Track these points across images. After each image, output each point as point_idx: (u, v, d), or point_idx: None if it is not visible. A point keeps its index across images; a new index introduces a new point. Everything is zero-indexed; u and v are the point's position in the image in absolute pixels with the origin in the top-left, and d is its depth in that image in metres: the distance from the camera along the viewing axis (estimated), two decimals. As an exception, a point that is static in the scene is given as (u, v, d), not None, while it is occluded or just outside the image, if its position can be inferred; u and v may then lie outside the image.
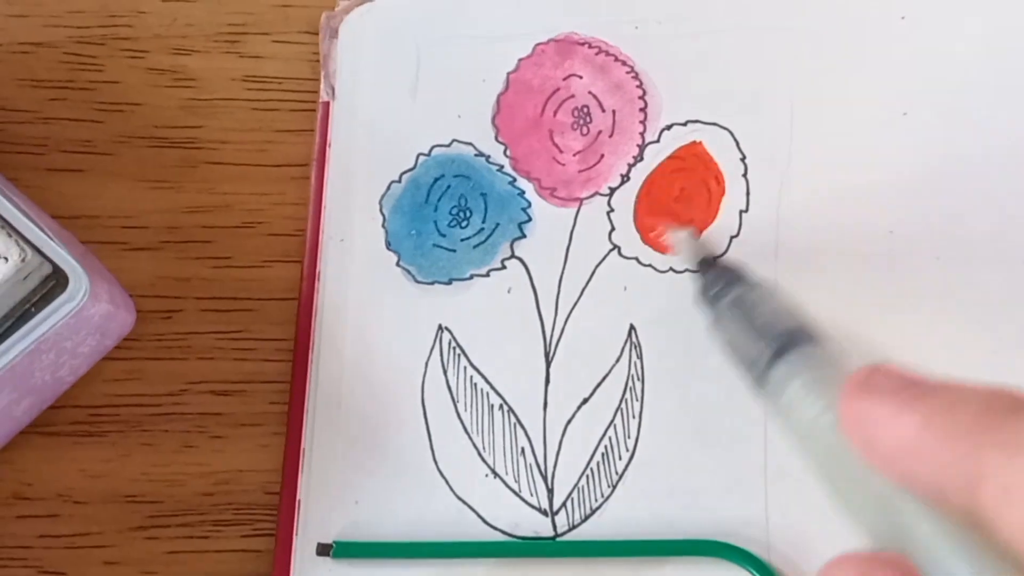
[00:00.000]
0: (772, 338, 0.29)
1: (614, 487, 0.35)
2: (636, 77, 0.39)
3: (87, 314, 0.34)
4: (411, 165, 0.39)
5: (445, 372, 0.37)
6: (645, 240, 0.37)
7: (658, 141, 0.38)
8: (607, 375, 0.36)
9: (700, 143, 0.38)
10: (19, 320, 0.32)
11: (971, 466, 0.18)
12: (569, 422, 0.36)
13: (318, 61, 0.40)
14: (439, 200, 0.38)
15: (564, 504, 0.36)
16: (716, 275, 0.33)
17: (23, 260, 0.32)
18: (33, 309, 0.33)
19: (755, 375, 0.29)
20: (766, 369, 0.28)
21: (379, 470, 0.36)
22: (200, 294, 0.39)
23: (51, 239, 0.33)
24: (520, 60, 0.39)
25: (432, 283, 0.38)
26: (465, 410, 0.37)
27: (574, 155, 0.38)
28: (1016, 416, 0.17)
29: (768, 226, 0.37)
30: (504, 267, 0.38)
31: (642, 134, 0.38)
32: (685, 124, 0.38)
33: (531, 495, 0.36)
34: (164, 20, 0.41)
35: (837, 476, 0.23)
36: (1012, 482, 0.17)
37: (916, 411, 0.19)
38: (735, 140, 0.38)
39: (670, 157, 0.38)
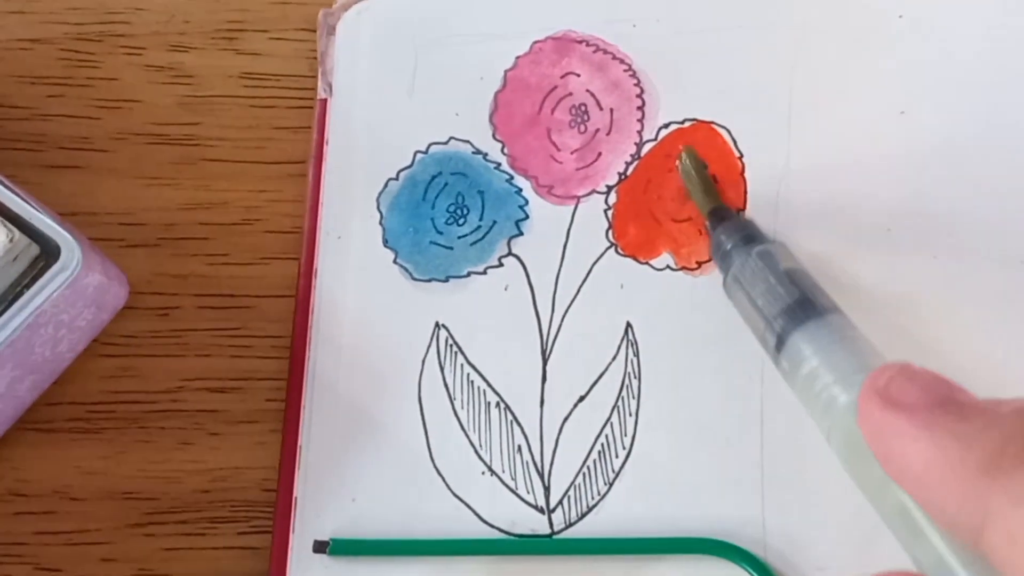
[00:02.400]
0: (772, 321, 0.28)
1: (611, 485, 0.35)
2: (634, 75, 0.39)
3: (82, 284, 0.34)
4: (408, 162, 0.39)
5: (442, 369, 0.37)
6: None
7: (656, 139, 0.38)
8: (604, 373, 0.36)
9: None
10: (11, 303, 0.33)
11: (979, 506, 0.17)
12: (566, 420, 0.36)
13: (315, 58, 0.40)
14: (436, 198, 0.38)
15: (561, 502, 0.36)
16: (724, 234, 0.33)
17: (11, 240, 0.32)
18: (24, 291, 0.33)
19: (769, 344, 0.29)
20: (776, 357, 0.28)
21: (376, 467, 0.36)
22: (197, 291, 0.39)
23: (39, 212, 0.33)
24: (518, 58, 0.39)
25: (429, 280, 0.38)
26: (462, 407, 0.37)
27: (571, 153, 0.38)
28: None
29: (766, 225, 0.37)
30: (501, 265, 0.38)
31: (640, 132, 0.38)
32: (683, 122, 0.38)
33: (528, 492, 0.36)
34: (162, 17, 0.41)
35: (858, 472, 0.23)
36: (1018, 531, 0.17)
37: (932, 439, 0.19)
38: (733, 139, 0.38)
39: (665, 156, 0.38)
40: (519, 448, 0.36)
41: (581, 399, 0.36)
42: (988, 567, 0.18)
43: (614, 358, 0.36)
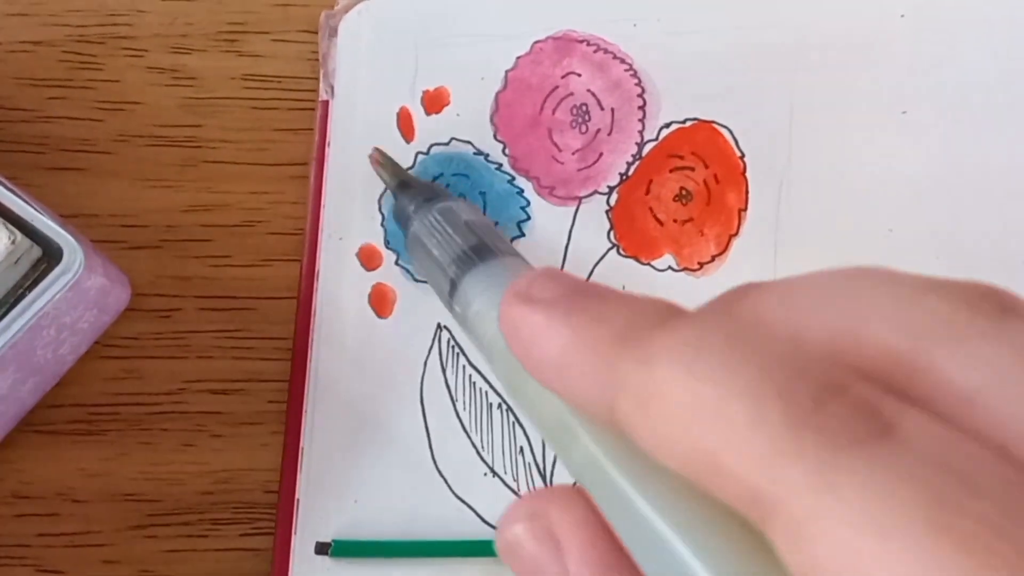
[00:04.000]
0: (446, 268, 0.28)
1: (613, 486, 0.35)
2: (635, 75, 0.39)
3: (84, 286, 0.34)
4: (410, 164, 0.39)
5: (444, 371, 0.37)
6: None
7: (657, 139, 0.38)
8: (606, 373, 0.36)
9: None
10: (13, 305, 0.33)
11: (610, 380, 0.17)
12: (568, 421, 0.36)
13: (317, 60, 0.40)
14: (438, 199, 0.38)
15: (563, 503, 0.36)
16: (412, 195, 0.33)
17: (13, 242, 0.32)
18: (26, 293, 0.33)
19: (444, 299, 0.28)
20: (450, 304, 0.27)
21: (378, 469, 0.36)
22: (199, 293, 0.39)
23: (41, 214, 0.33)
24: (518, 58, 0.39)
25: (431, 282, 0.38)
26: (464, 409, 0.37)
27: (573, 154, 0.38)
28: (661, 329, 0.17)
29: (767, 225, 0.37)
30: (503, 266, 0.38)
31: (641, 132, 0.38)
32: (684, 122, 0.38)
33: (530, 494, 0.36)
34: (164, 19, 0.41)
35: (520, 394, 0.22)
36: (645, 393, 0.16)
37: (567, 323, 0.18)
38: (734, 139, 0.38)
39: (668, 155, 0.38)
40: (521, 449, 0.36)
41: (583, 400, 0.36)
42: (630, 461, 0.18)
43: (616, 359, 0.36)
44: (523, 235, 0.38)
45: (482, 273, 0.27)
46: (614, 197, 0.38)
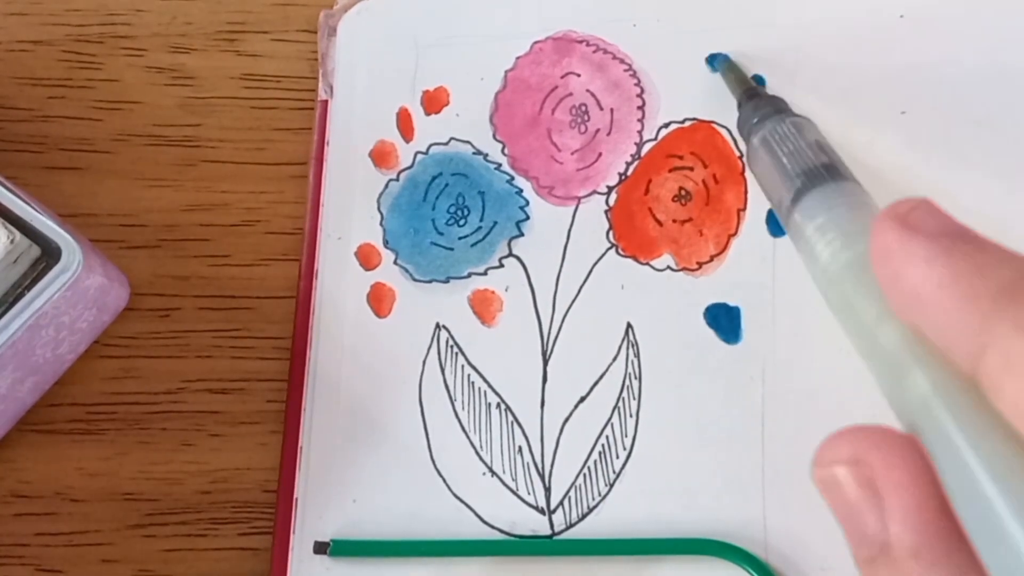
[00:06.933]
0: (794, 177, 0.29)
1: (611, 485, 0.35)
2: (634, 75, 0.39)
3: (83, 286, 0.34)
4: (409, 163, 0.39)
5: (443, 370, 0.37)
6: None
7: (656, 139, 0.38)
8: (604, 373, 0.36)
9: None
10: (12, 304, 0.33)
11: (980, 332, 0.18)
12: (567, 420, 0.36)
13: (316, 59, 0.40)
14: (437, 198, 0.38)
15: (561, 503, 0.36)
16: (754, 107, 0.34)
17: (11, 242, 0.32)
18: (25, 293, 0.33)
19: (782, 217, 0.30)
20: (789, 210, 0.29)
21: (377, 468, 0.36)
22: (198, 292, 0.39)
23: (40, 214, 0.33)
24: (518, 58, 0.39)
25: (430, 281, 0.38)
26: (463, 409, 0.37)
27: (572, 154, 0.38)
28: None
29: (767, 224, 0.37)
30: (502, 266, 0.38)
31: (640, 132, 0.38)
32: (683, 122, 0.38)
33: (528, 494, 0.36)
34: (163, 18, 0.41)
35: (851, 323, 0.23)
36: (1016, 354, 0.17)
37: (947, 263, 0.19)
38: (733, 139, 0.38)
39: (667, 155, 0.38)
40: (520, 449, 0.36)
41: (582, 400, 0.36)
42: (971, 408, 0.18)
43: (615, 359, 0.36)
44: (522, 235, 0.38)
45: (831, 191, 0.28)
46: (613, 197, 0.38)
